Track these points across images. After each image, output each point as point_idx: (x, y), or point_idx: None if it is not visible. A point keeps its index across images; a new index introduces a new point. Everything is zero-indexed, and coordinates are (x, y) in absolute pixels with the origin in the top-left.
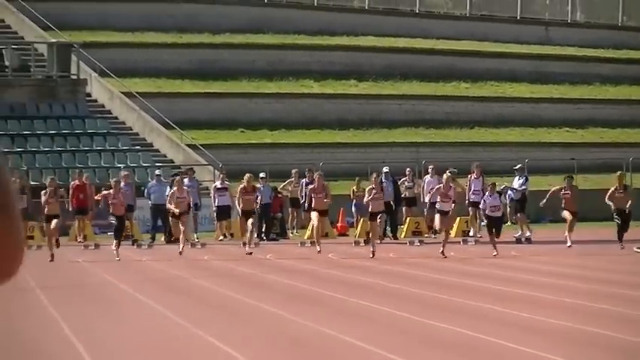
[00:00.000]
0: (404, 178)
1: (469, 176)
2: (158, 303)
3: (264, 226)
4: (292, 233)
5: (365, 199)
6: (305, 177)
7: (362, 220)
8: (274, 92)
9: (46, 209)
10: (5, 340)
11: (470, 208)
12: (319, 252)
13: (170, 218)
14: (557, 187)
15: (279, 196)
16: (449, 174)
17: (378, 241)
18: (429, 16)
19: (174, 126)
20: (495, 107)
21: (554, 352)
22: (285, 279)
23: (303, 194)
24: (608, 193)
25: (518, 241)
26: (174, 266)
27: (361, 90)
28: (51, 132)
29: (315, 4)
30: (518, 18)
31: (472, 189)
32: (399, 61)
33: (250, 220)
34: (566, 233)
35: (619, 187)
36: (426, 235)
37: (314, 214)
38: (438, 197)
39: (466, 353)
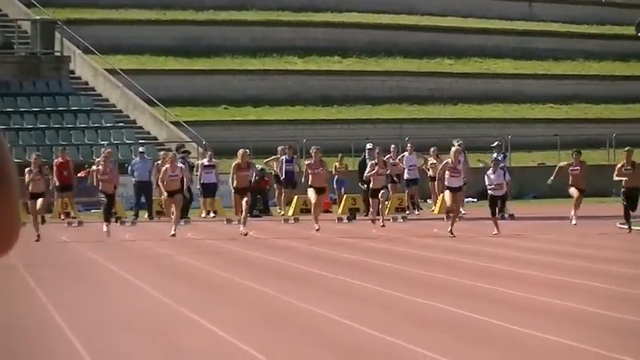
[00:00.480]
0: (388, 155)
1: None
2: (142, 280)
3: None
4: (279, 210)
5: (366, 174)
6: (285, 154)
7: (345, 196)
8: (258, 69)
9: (30, 187)
10: None
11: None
12: (318, 230)
13: (163, 198)
14: (565, 162)
15: (265, 178)
16: (457, 147)
17: (379, 218)
18: None
19: (158, 103)
20: (479, 83)
21: (540, 329)
22: (269, 256)
23: (283, 171)
24: (616, 170)
25: (502, 217)
26: (159, 244)
27: (345, 66)
28: (34, 109)
29: None
30: None
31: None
32: (382, 38)
33: (245, 199)
34: (572, 211)
35: (626, 164)
36: (408, 213)
37: (311, 192)
38: (447, 173)
39: (450, 330)
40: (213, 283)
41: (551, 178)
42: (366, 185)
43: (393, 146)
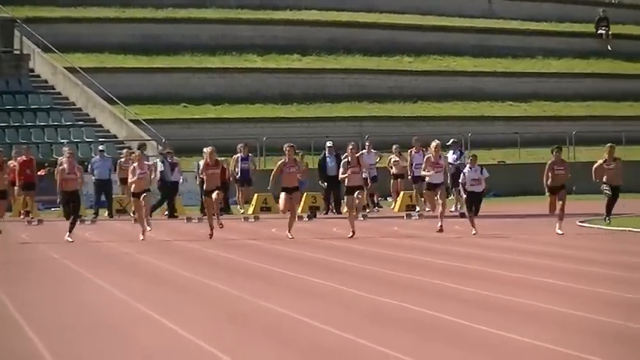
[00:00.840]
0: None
1: (409, 151)
2: (103, 279)
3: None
4: (240, 208)
5: (341, 175)
6: (240, 152)
7: (305, 194)
8: (217, 67)
9: None
10: None
11: (413, 184)
12: (291, 238)
13: (131, 197)
14: (600, 160)
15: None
16: (437, 142)
17: (361, 218)
18: None
19: (118, 101)
20: (438, 81)
21: (507, 328)
22: (230, 254)
23: (238, 170)
24: (595, 167)
25: (462, 215)
26: (120, 242)
27: (304, 64)
28: None
29: None
30: None
31: (414, 164)
32: (341, 36)
33: (214, 196)
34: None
35: (609, 160)
36: (368, 211)
37: (283, 196)
38: (428, 169)
39: (412, 328)
40: (174, 281)
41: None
42: (326, 184)
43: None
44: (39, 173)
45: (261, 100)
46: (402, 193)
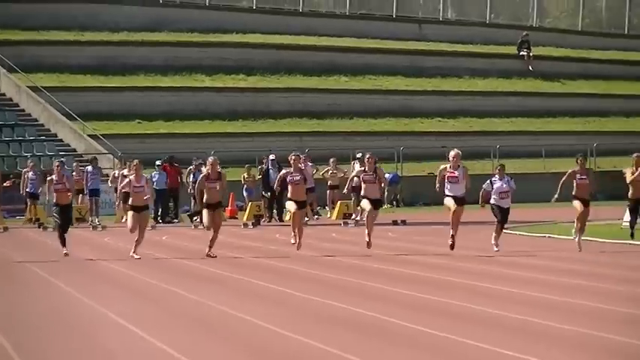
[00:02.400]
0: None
1: (352, 163)
2: (67, 284)
3: (160, 210)
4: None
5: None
6: (192, 165)
7: (250, 203)
8: (169, 86)
9: None
10: None
11: (352, 194)
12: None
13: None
14: (571, 169)
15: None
16: (457, 151)
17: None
18: (312, 14)
19: (77, 117)
20: (373, 99)
21: (444, 329)
22: (185, 260)
23: (191, 181)
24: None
25: (395, 222)
26: (80, 248)
27: (250, 84)
28: None
29: (207, 4)
30: (394, 16)
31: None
32: (284, 57)
33: (214, 217)
34: (577, 237)
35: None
36: (307, 219)
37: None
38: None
39: (354, 329)
40: (131, 286)
41: (555, 196)
42: (269, 193)
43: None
44: (4, 184)
45: (209, 116)
46: (338, 202)
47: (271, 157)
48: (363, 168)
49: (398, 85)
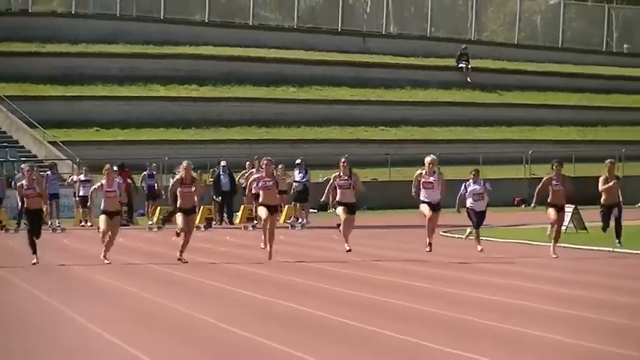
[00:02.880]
0: (243, 171)
1: (294, 170)
2: (25, 282)
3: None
4: (149, 220)
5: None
6: (148, 170)
7: (202, 207)
8: (125, 95)
9: None
10: None
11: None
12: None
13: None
14: (546, 176)
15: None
16: (433, 157)
17: (251, 228)
18: (262, 28)
19: (38, 125)
20: (319, 109)
21: (392, 329)
22: (137, 261)
23: (145, 185)
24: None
25: (292, 226)
26: (40, 249)
27: (202, 93)
28: None
29: (162, 17)
30: (340, 30)
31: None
32: (235, 68)
33: (188, 221)
34: (552, 245)
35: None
36: (255, 222)
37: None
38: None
39: (297, 325)
40: (89, 284)
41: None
42: (220, 198)
43: (248, 163)
44: None
45: (163, 124)
46: (286, 206)
47: (222, 163)
48: (338, 173)
49: (343, 96)
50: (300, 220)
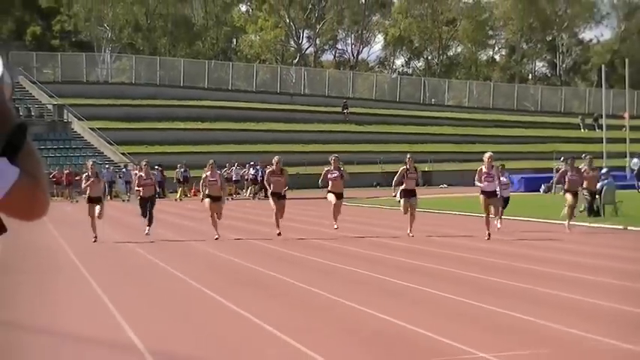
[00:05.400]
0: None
1: (228, 165)
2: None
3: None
4: None
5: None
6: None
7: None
8: (162, 127)
9: None
10: None
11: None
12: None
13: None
14: (562, 169)
15: None
16: (490, 153)
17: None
18: (235, 90)
19: (114, 143)
20: (266, 135)
21: (363, 303)
22: (239, 235)
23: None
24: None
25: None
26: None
27: (204, 126)
28: None
29: (182, 84)
30: (277, 91)
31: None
32: (220, 112)
33: (279, 204)
34: (566, 222)
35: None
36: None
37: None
38: (482, 178)
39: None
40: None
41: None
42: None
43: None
44: None
45: (183, 143)
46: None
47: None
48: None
49: (279, 127)
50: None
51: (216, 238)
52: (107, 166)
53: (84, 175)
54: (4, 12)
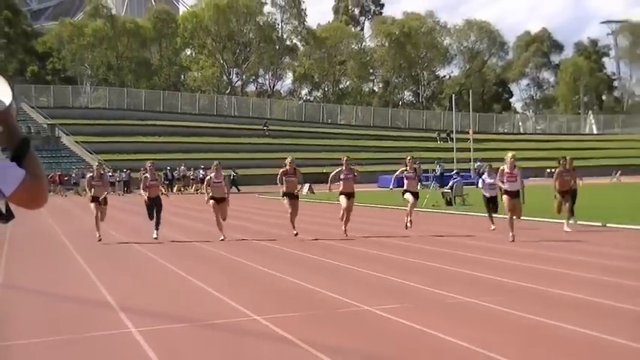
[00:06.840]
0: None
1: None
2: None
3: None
4: None
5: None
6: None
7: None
8: (149, 141)
9: None
10: None
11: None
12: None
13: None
14: (557, 170)
15: None
16: (513, 153)
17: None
18: (185, 113)
19: (97, 153)
20: (209, 145)
21: (353, 297)
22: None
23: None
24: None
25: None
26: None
27: (175, 139)
28: None
29: (162, 110)
30: (215, 114)
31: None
32: (178, 130)
33: (293, 203)
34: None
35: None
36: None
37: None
38: (504, 178)
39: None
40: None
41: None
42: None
43: (182, 166)
44: None
45: (166, 151)
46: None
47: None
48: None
49: (215, 140)
50: None
51: (222, 240)
52: (75, 168)
53: (88, 176)
54: (11, 55)
